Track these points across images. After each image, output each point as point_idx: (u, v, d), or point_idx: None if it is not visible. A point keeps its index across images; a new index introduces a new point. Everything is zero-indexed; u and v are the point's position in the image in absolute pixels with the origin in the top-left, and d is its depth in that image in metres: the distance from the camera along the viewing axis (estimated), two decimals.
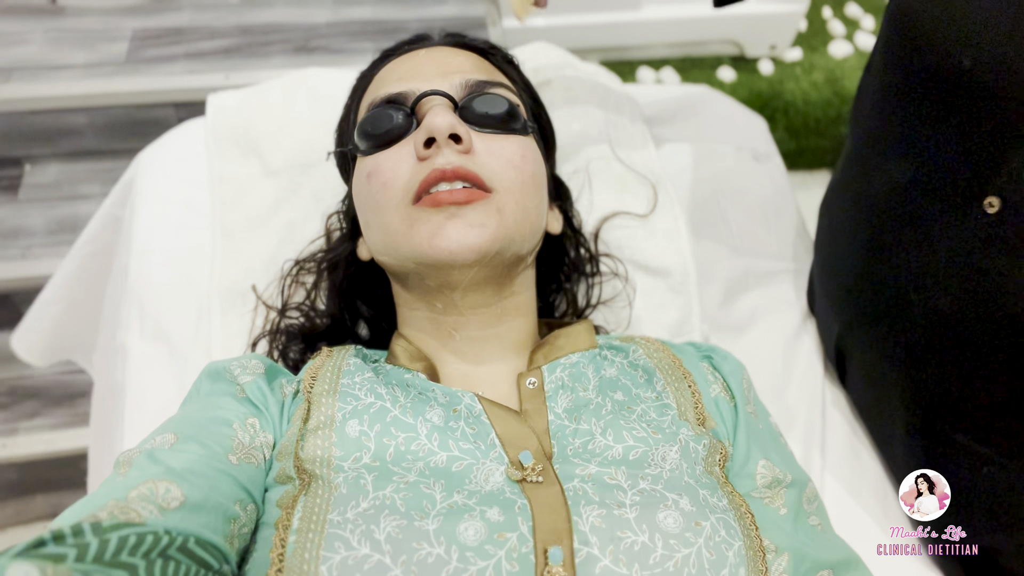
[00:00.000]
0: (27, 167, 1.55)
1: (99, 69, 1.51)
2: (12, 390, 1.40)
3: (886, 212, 0.70)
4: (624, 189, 0.91)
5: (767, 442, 0.63)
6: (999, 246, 0.59)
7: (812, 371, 0.87)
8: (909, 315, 0.69)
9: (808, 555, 0.56)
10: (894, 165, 0.69)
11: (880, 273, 0.73)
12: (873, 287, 0.75)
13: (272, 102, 0.96)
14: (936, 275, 0.65)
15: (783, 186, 1.02)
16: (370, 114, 0.63)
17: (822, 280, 0.86)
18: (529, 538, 0.47)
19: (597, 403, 0.59)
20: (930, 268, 0.66)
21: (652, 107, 1.06)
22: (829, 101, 1.76)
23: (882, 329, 0.74)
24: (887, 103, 0.69)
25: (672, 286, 0.87)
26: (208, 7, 1.68)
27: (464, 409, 0.57)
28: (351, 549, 0.45)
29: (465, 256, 0.56)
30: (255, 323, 0.80)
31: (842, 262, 0.80)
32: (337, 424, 0.54)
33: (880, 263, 0.73)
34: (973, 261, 0.62)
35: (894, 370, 0.74)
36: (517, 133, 0.63)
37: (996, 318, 0.61)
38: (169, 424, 0.54)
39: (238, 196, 0.90)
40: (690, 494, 0.51)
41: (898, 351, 0.73)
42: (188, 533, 0.44)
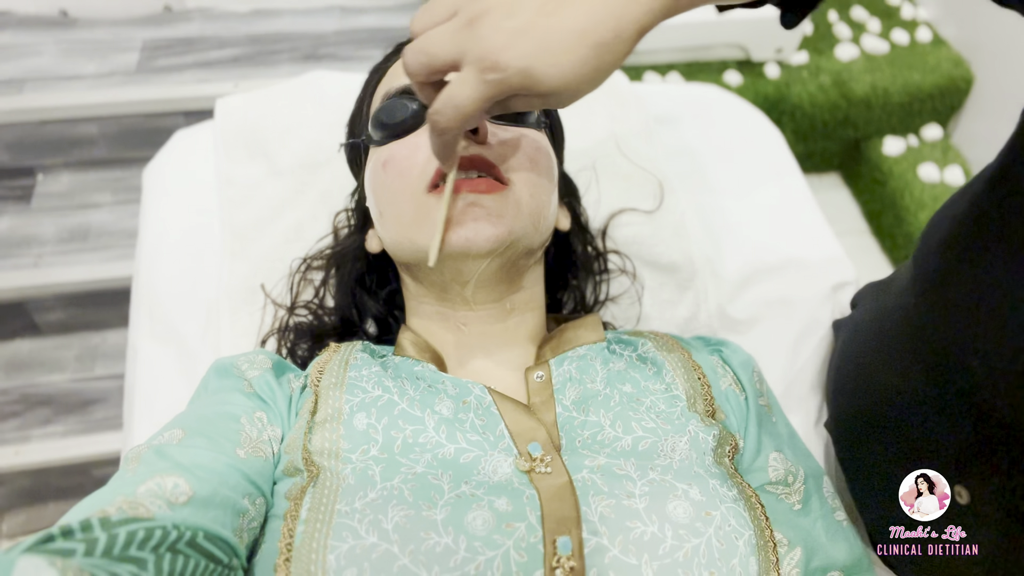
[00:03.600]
0: (39, 176, 1.56)
1: (110, 79, 1.53)
2: (24, 398, 1.41)
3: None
4: (631, 186, 0.91)
5: (779, 435, 0.62)
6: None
7: (819, 368, 0.87)
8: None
9: (820, 552, 0.56)
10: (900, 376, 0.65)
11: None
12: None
13: (279, 104, 0.97)
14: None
15: (792, 182, 1.02)
16: (385, 104, 0.63)
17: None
18: (538, 528, 0.46)
19: (605, 395, 0.59)
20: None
21: (659, 105, 1.06)
22: (836, 104, 1.75)
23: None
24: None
25: (680, 282, 0.87)
26: (217, 17, 1.70)
27: (474, 400, 0.57)
28: (359, 538, 0.44)
29: (481, 245, 0.55)
30: (264, 321, 0.81)
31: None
32: (345, 417, 0.54)
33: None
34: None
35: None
36: (531, 127, 0.63)
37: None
38: (177, 420, 0.54)
39: (246, 197, 0.91)
40: (700, 484, 0.51)
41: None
42: (197, 527, 0.44)
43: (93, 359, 1.46)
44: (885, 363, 0.68)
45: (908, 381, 0.63)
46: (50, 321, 1.46)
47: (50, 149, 1.54)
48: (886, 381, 0.67)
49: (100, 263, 1.42)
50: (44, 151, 1.54)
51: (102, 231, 1.48)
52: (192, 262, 0.88)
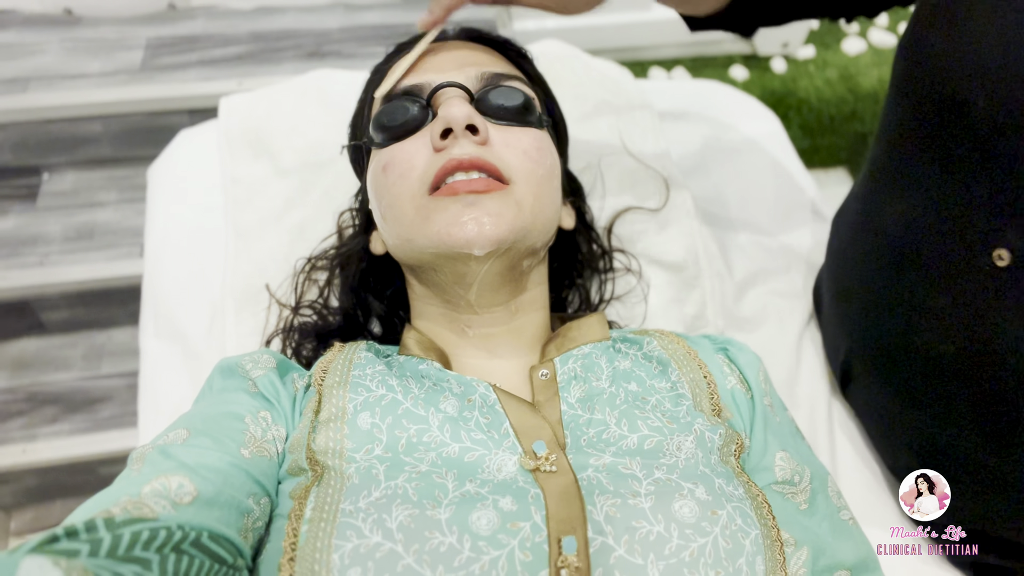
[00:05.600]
0: (45, 175, 1.57)
1: (114, 77, 1.53)
2: (31, 396, 1.41)
3: (895, 247, 0.67)
4: (636, 184, 0.90)
5: (785, 435, 0.62)
6: (1008, 301, 0.56)
7: (821, 367, 0.86)
8: (910, 354, 0.67)
9: (827, 551, 0.55)
10: (904, 201, 0.65)
11: (885, 306, 0.70)
12: (878, 319, 0.72)
13: (283, 103, 0.97)
14: (939, 318, 0.63)
15: (798, 180, 1.01)
16: (386, 106, 0.63)
17: (832, 293, 0.83)
18: (543, 527, 0.46)
19: (611, 393, 0.59)
20: (933, 310, 0.63)
21: (664, 102, 1.05)
22: (843, 98, 1.74)
23: (884, 362, 0.72)
24: (900, 136, 0.66)
25: (686, 280, 0.86)
26: (221, 15, 1.69)
27: (479, 399, 0.56)
28: (363, 537, 0.44)
29: (482, 245, 0.55)
30: (268, 321, 0.81)
31: (851, 286, 0.77)
32: (349, 416, 0.54)
33: (885, 297, 0.70)
34: (978, 311, 0.59)
35: (894, 404, 0.72)
36: (532, 126, 0.63)
37: (998, 374, 0.58)
38: (182, 420, 0.54)
39: (250, 196, 0.91)
40: (706, 483, 0.51)
41: (899, 387, 0.70)
42: (201, 528, 0.44)
43: (99, 357, 1.47)
44: (884, 196, 0.70)
45: (917, 182, 0.64)
46: (56, 320, 1.47)
47: (55, 148, 1.54)
48: (893, 209, 0.68)
49: (106, 261, 1.42)
50: (49, 150, 1.54)
51: (107, 230, 1.48)
52: (196, 261, 0.88)
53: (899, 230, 0.66)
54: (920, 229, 0.64)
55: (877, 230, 0.71)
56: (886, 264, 0.69)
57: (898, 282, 0.67)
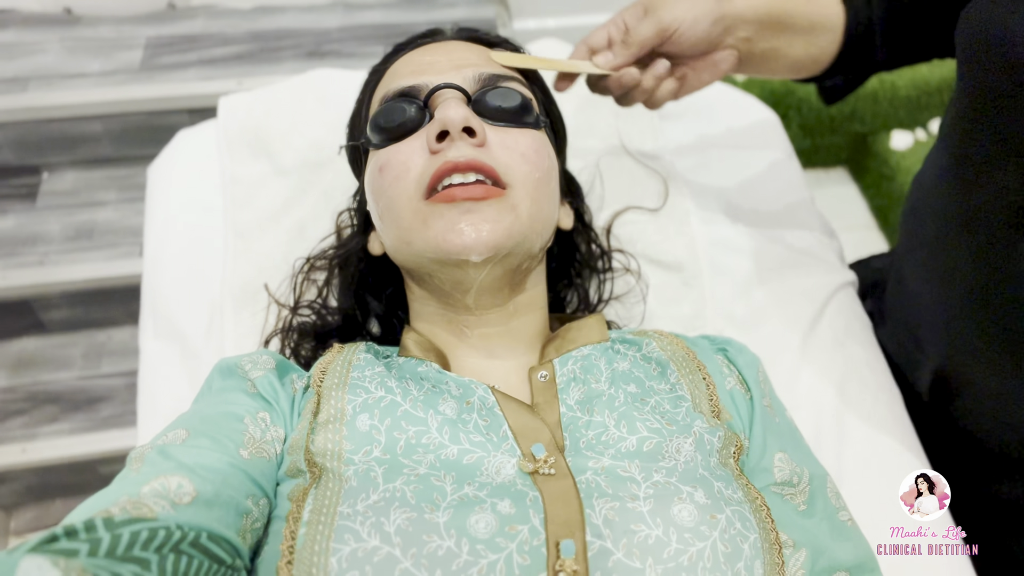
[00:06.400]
0: (44, 175, 1.57)
1: (114, 77, 1.53)
2: (31, 395, 1.42)
3: (998, 223, 0.63)
4: (635, 183, 0.90)
5: (784, 436, 0.62)
6: None
7: (824, 367, 0.86)
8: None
9: (826, 552, 0.55)
10: (1000, 172, 0.62)
11: (1000, 290, 0.65)
12: (991, 306, 0.67)
13: (282, 103, 0.97)
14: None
15: (797, 180, 1.01)
16: (383, 107, 0.63)
17: (921, 281, 0.78)
18: (541, 531, 0.46)
19: (610, 395, 0.59)
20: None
21: None
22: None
23: (1007, 355, 0.66)
24: (978, 111, 0.63)
25: (685, 280, 0.86)
26: (221, 14, 1.70)
27: (477, 401, 0.56)
28: (361, 541, 0.44)
29: (479, 252, 0.55)
30: (267, 321, 0.80)
31: (956, 264, 0.71)
32: (347, 418, 0.54)
33: (999, 279, 0.65)
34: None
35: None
36: (530, 127, 0.63)
37: None
38: (181, 420, 0.54)
39: (249, 196, 0.91)
40: (705, 486, 0.51)
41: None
42: (200, 528, 0.44)
43: (99, 357, 1.47)
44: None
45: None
46: (56, 319, 1.47)
47: (55, 147, 1.54)
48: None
49: (105, 261, 1.43)
50: (49, 149, 1.54)
51: (107, 229, 1.48)
52: (195, 261, 0.88)
53: (999, 205, 0.62)
54: (1022, 195, 0.60)
55: (969, 215, 0.66)
56: (988, 246, 0.65)
57: (1007, 259, 0.63)
